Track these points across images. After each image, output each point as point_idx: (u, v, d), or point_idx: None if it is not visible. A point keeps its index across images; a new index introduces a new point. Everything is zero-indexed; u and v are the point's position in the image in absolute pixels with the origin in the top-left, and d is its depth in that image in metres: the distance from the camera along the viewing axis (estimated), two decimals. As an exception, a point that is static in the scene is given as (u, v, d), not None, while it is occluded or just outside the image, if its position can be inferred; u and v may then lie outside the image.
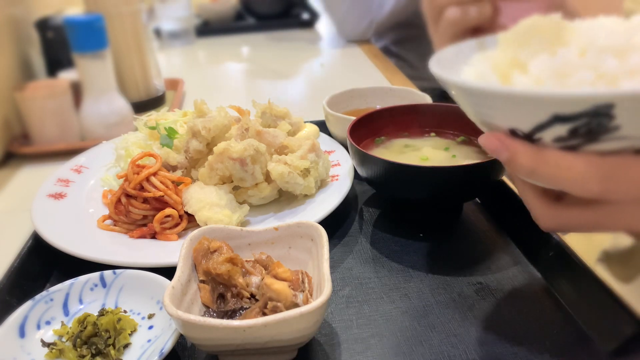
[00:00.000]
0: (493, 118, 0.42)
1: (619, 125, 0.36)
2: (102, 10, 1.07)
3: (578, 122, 0.36)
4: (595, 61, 0.39)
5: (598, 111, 0.35)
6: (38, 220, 0.67)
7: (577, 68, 0.39)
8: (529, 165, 0.40)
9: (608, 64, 0.38)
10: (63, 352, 0.49)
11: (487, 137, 0.42)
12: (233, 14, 2.17)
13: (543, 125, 0.38)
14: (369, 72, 1.48)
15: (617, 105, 0.34)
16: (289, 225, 0.56)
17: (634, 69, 0.38)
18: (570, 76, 0.39)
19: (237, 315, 0.50)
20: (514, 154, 0.40)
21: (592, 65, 0.39)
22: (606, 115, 0.35)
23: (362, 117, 0.78)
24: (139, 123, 0.84)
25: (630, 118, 0.36)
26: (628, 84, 0.37)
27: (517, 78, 0.42)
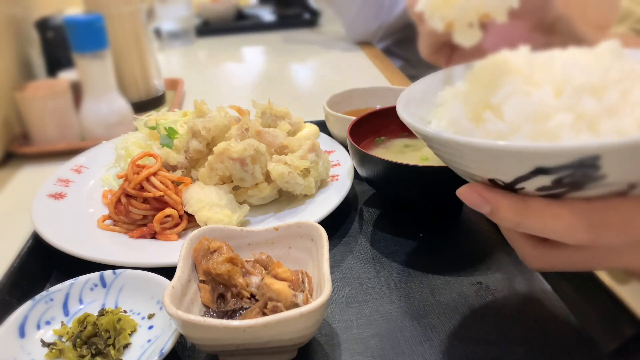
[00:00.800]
0: (471, 169, 0.41)
1: (605, 174, 0.35)
2: (102, 10, 1.07)
3: (562, 173, 0.35)
4: (573, 102, 0.37)
5: (583, 163, 0.34)
6: (38, 220, 0.67)
7: (554, 110, 0.38)
8: (513, 218, 0.38)
9: (586, 104, 0.37)
10: (63, 352, 0.49)
11: (466, 191, 0.40)
12: (233, 14, 2.17)
13: (525, 176, 0.37)
14: (369, 72, 1.48)
15: (603, 157, 0.33)
16: (289, 225, 0.56)
17: (612, 107, 0.37)
18: (548, 119, 0.38)
19: (237, 315, 0.50)
20: (497, 207, 0.39)
21: (570, 106, 0.37)
22: (592, 166, 0.34)
23: (362, 117, 0.78)
24: (139, 123, 0.84)
25: (617, 167, 0.34)
26: (609, 125, 0.36)
27: (492, 124, 0.40)
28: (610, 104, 0.37)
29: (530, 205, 0.38)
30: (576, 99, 0.38)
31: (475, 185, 0.40)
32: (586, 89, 0.38)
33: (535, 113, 0.38)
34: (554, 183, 0.36)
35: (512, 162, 0.36)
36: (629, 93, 0.38)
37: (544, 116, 0.38)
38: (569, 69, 0.39)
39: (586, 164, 0.34)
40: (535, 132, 0.38)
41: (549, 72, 0.41)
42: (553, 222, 0.37)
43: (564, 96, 0.38)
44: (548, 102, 0.38)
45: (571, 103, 0.38)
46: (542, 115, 0.38)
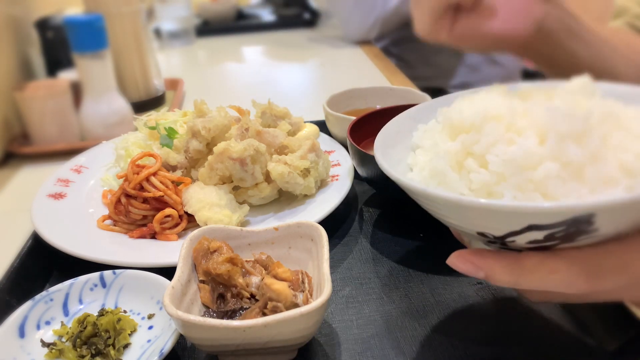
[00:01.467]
0: (459, 224, 0.41)
1: (598, 228, 0.35)
2: (102, 10, 1.07)
3: (556, 229, 0.35)
4: (558, 150, 0.37)
5: (578, 220, 0.34)
6: (38, 220, 0.67)
7: (540, 159, 0.38)
8: (510, 280, 0.38)
9: (571, 152, 0.37)
10: (63, 352, 0.49)
11: (457, 261, 0.40)
12: (233, 14, 2.17)
13: (517, 232, 0.36)
14: (369, 72, 1.48)
15: (598, 214, 0.33)
16: (289, 225, 0.56)
17: (595, 154, 0.37)
18: (534, 169, 0.38)
19: (237, 315, 0.50)
20: (491, 273, 0.38)
21: (555, 155, 0.37)
22: (586, 222, 0.34)
23: (362, 117, 0.78)
24: (139, 123, 0.84)
25: (610, 221, 0.35)
26: (593, 172, 0.37)
27: (477, 175, 0.40)
28: (593, 150, 0.37)
29: (524, 264, 0.37)
30: (561, 147, 0.37)
31: (465, 253, 0.39)
32: (570, 136, 0.38)
33: (521, 162, 0.38)
34: (546, 237, 0.36)
35: (504, 220, 0.36)
36: (609, 137, 0.38)
37: (529, 165, 0.38)
38: (552, 116, 0.39)
39: (580, 221, 0.34)
40: (522, 182, 0.38)
41: (532, 118, 0.40)
42: (550, 278, 0.37)
43: (548, 144, 0.38)
44: (533, 151, 0.38)
45: (556, 151, 0.37)
46: (528, 165, 0.38)
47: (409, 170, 0.48)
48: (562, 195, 0.37)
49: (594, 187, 0.37)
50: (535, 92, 0.46)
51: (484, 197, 0.40)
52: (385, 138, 0.49)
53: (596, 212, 0.33)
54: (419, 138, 0.49)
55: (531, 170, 0.38)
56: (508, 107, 0.41)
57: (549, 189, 0.37)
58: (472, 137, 0.42)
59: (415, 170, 0.46)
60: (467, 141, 0.42)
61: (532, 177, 0.37)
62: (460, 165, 0.42)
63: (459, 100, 0.48)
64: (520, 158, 0.38)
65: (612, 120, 0.40)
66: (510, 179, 0.38)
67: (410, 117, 0.53)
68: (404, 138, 0.51)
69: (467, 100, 0.46)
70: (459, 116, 0.44)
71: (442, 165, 0.42)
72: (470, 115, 0.43)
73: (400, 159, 0.49)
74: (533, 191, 0.38)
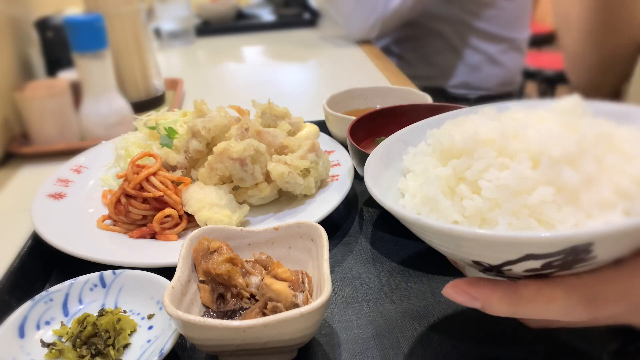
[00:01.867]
0: (454, 253, 0.40)
1: (596, 256, 0.34)
2: (102, 10, 1.07)
3: (553, 258, 0.34)
4: (552, 174, 0.37)
5: (576, 249, 0.33)
6: (38, 220, 0.67)
7: (534, 183, 0.37)
8: (508, 310, 0.38)
9: (566, 176, 0.37)
10: (63, 353, 0.49)
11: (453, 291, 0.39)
12: (233, 14, 2.17)
13: (514, 261, 0.36)
14: (369, 72, 1.48)
15: (596, 243, 0.33)
16: (289, 226, 0.56)
17: (589, 178, 0.37)
18: (529, 194, 0.37)
19: (237, 315, 0.50)
20: (487, 303, 0.38)
21: (550, 179, 0.37)
22: (584, 251, 0.34)
23: (362, 117, 0.78)
24: (139, 123, 0.84)
25: (608, 249, 0.34)
26: (589, 197, 0.36)
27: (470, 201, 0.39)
28: (587, 174, 0.37)
29: (521, 293, 0.37)
30: (555, 171, 0.37)
31: (460, 284, 0.39)
32: (563, 160, 0.37)
33: (515, 188, 0.37)
34: (543, 266, 0.36)
35: (501, 250, 0.35)
36: (603, 159, 0.38)
37: (523, 190, 0.37)
38: (545, 139, 0.38)
39: (579, 250, 0.34)
40: (517, 208, 0.37)
41: (524, 141, 0.40)
42: (549, 307, 0.36)
43: (541, 168, 0.37)
44: (527, 175, 0.37)
45: (550, 176, 0.37)
46: (522, 190, 0.37)
47: (401, 195, 0.47)
48: (558, 221, 0.36)
49: (590, 212, 0.36)
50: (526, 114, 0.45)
51: (477, 224, 0.39)
52: (376, 162, 0.49)
53: (595, 241, 0.33)
54: (410, 162, 0.49)
55: (525, 195, 0.37)
56: (499, 131, 0.41)
57: (544, 215, 0.37)
58: (464, 162, 0.41)
59: (406, 197, 0.45)
60: (459, 166, 0.41)
61: (527, 203, 0.37)
62: (452, 191, 0.41)
63: (448, 123, 0.47)
64: (514, 183, 0.37)
65: (606, 141, 0.39)
66: (504, 205, 0.38)
67: (400, 139, 0.52)
68: (394, 161, 0.50)
69: (458, 123, 0.46)
70: (449, 140, 0.43)
71: (434, 192, 0.41)
72: (461, 139, 0.42)
73: (391, 184, 0.48)
74: (528, 217, 0.37)
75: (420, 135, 0.52)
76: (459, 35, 1.63)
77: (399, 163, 0.50)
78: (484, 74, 1.66)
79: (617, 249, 0.36)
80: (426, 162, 0.46)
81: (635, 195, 0.36)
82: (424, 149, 0.49)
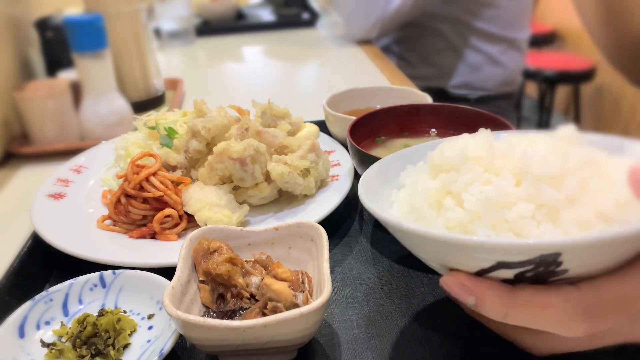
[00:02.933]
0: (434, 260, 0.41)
1: (567, 269, 0.35)
2: (102, 10, 1.07)
3: (524, 268, 0.35)
4: (533, 191, 0.38)
5: (545, 259, 0.34)
6: (38, 220, 0.67)
7: (515, 199, 0.38)
8: (500, 310, 0.37)
9: (546, 194, 0.38)
10: (63, 353, 0.49)
11: (449, 282, 0.39)
12: (233, 14, 2.17)
13: (488, 270, 0.36)
14: (369, 72, 1.48)
15: (564, 254, 0.33)
16: (289, 226, 0.56)
17: (571, 197, 0.38)
18: (509, 208, 0.38)
19: (237, 315, 0.50)
20: (481, 299, 0.37)
21: (531, 196, 0.38)
22: (553, 262, 0.34)
23: (362, 117, 0.78)
24: (139, 123, 0.84)
25: (578, 262, 0.35)
26: (569, 215, 0.37)
27: (453, 212, 0.40)
28: (569, 193, 0.38)
29: (517, 294, 0.36)
30: (536, 188, 0.38)
31: (459, 275, 0.38)
32: (545, 179, 0.38)
33: (496, 202, 0.38)
34: (516, 277, 0.36)
35: (474, 256, 0.36)
36: (587, 182, 0.39)
37: (504, 205, 0.38)
38: (529, 158, 0.40)
39: (548, 261, 0.34)
40: (496, 221, 0.38)
41: (510, 160, 0.41)
42: (544, 313, 0.36)
43: (524, 185, 0.38)
44: (509, 191, 0.38)
45: (531, 192, 0.38)
46: (503, 204, 0.38)
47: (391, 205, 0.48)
48: (535, 237, 0.37)
49: (568, 230, 0.37)
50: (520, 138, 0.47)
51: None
52: (373, 175, 0.50)
53: (562, 252, 0.33)
54: (405, 177, 0.50)
55: (506, 210, 0.38)
56: (487, 149, 0.42)
57: (523, 229, 0.38)
58: (451, 177, 0.42)
59: (394, 206, 0.46)
60: (446, 180, 0.42)
61: (507, 217, 0.38)
62: (439, 203, 0.43)
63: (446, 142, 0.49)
64: (495, 197, 0.38)
65: (593, 166, 0.40)
66: (484, 217, 0.39)
67: (399, 158, 0.53)
68: (392, 178, 0.51)
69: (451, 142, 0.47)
70: (440, 156, 0.44)
71: (420, 202, 0.43)
72: (450, 155, 0.43)
73: (385, 196, 0.50)
74: (507, 231, 0.38)
75: (421, 156, 0.53)
76: (459, 35, 1.63)
77: (396, 180, 0.52)
78: (484, 74, 1.66)
79: (590, 264, 0.36)
80: (418, 176, 0.48)
81: (615, 218, 0.37)
82: (421, 167, 0.51)
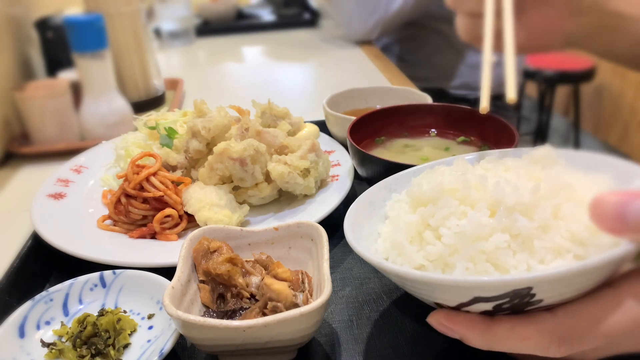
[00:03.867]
0: (417, 294, 0.43)
1: (542, 299, 0.37)
2: (102, 10, 1.07)
3: (500, 301, 0.37)
4: (507, 222, 0.39)
5: (518, 293, 0.36)
6: (38, 220, 0.67)
7: (491, 230, 0.39)
8: (483, 345, 0.39)
9: (519, 224, 0.39)
10: (63, 353, 0.49)
11: (433, 321, 0.41)
12: (233, 14, 2.17)
13: (467, 303, 0.38)
14: (369, 72, 1.48)
15: (535, 287, 0.35)
16: (289, 225, 0.56)
17: (544, 225, 0.39)
18: (486, 240, 0.39)
19: (237, 315, 0.50)
20: (464, 337, 0.39)
21: (505, 227, 0.39)
22: (527, 295, 0.36)
23: (363, 117, 0.78)
24: (139, 123, 0.84)
25: (550, 293, 0.36)
26: (542, 243, 0.39)
27: (432, 247, 0.42)
28: (542, 221, 0.39)
29: (495, 331, 0.38)
30: (510, 219, 0.39)
31: (439, 316, 0.41)
32: (518, 208, 0.40)
33: (472, 234, 0.40)
34: (495, 308, 0.38)
35: (452, 293, 0.38)
36: (560, 207, 0.40)
37: (480, 237, 0.40)
38: (501, 189, 0.41)
39: (521, 294, 0.36)
40: (474, 253, 0.40)
41: (484, 191, 0.42)
42: (522, 344, 0.37)
43: (498, 216, 0.40)
44: (484, 222, 0.40)
45: (505, 223, 0.39)
46: (479, 236, 0.40)
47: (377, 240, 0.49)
48: (512, 266, 0.39)
49: (544, 258, 0.38)
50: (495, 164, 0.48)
51: (441, 268, 0.42)
52: (359, 208, 0.51)
53: (533, 285, 0.35)
54: (390, 208, 0.51)
55: (483, 241, 0.39)
56: (462, 181, 0.43)
57: (499, 260, 0.39)
58: (429, 210, 0.44)
59: (379, 241, 0.48)
60: (425, 214, 0.44)
61: (484, 248, 0.39)
62: (420, 236, 0.44)
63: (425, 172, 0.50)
64: (471, 230, 0.40)
65: (566, 190, 0.41)
66: (462, 250, 0.40)
67: (386, 187, 0.54)
68: (378, 208, 0.52)
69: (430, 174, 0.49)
70: (419, 189, 0.46)
71: (401, 238, 0.44)
72: (428, 189, 0.45)
73: (372, 229, 0.50)
74: (485, 261, 0.39)
75: (406, 183, 0.54)
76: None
77: (382, 209, 0.53)
78: (484, 74, 1.66)
79: (562, 293, 0.37)
80: (400, 208, 0.49)
81: (588, 242, 0.38)
82: (405, 196, 0.52)
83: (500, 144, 0.71)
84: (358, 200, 0.52)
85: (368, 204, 0.52)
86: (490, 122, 0.75)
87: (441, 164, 0.52)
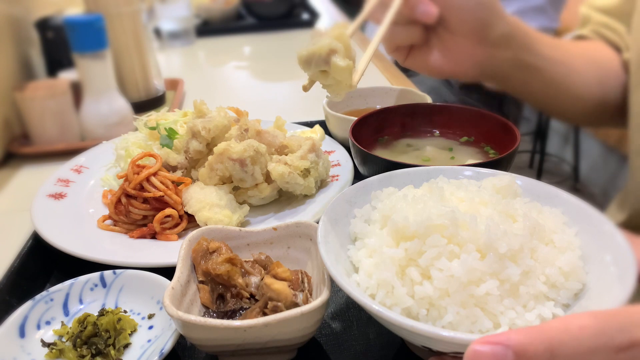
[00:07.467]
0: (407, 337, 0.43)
1: None
2: (102, 10, 1.07)
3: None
4: (497, 267, 0.40)
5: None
6: (38, 220, 0.67)
7: (481, 275, 0.40)
8: None
9: (509, 271, 0.40)
10: (63, 352, 0.49)
11: None
12: (233, 14, 2.17)
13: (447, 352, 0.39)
14: (369, 72, 1.48)
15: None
16: (288, 225, 0.56)
17: (527, 271, 0.41)
18: (477, 285, 0.40)
19: (237, 315, 0.50)
20: None
21: (495, 272, 0.40)
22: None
23: (365, 117, 0.78)
24: (139, 123, 0.84)
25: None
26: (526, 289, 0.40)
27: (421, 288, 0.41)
28: (525, 267, 0.41)
29: None
30: (500, 265, 0.40)
31: None
32: (507, 255, 0.41)
33: (464, 279, 0.40)
34: None
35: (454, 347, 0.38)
36: (536, 251, 0.42)
37: (472, 282, 0.40)
38: (492, 234, 0.41)
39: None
40: (465, 298, 0.40)
41: (472, 232, 0.42)
42: None
43: (488, 261, 0.40)
44: (475, 267, 0.40)
45: (496, 269, 0.40)
46: (470, 281, 0.40)
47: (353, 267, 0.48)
48: (500, 312, 0.40)
49: (527, 304, 0.40)
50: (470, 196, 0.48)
51: (425, 308, 0.41)
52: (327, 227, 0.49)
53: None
54: (359, 228, 0.50)
55: (473, 286, 0.40)
56: (450, 217, 0.43)
57: (488, 305, 0.40)
58: (416, 246, 0.43)
59: (361, 275, 0.46)
60: (411, 249, 0.43)
61: (474, 293, 0.40)
62: (402, 270, 0.44)
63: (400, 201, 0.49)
64: (463, 276, 0.40)
65: (539, 233, 0.43)
66: (454, 295, 0.40)
67: (346, 200, 0.53)
68: (340, 224, 0.51)
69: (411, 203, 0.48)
70: (403, 222, 0.45)
71: (390, 277, 0.43)
72: (414, 222, 0.44)
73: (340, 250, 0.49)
74: (474, 306, 0.40)
75: (365, 197, 0.54)
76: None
77: (346, 226, 0.51)
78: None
79: None
80: (378, 235, 0.47)
81: (561, 286, 0.41)
82: (370, 213, 0.51)
83: (503, 144, 0.71)
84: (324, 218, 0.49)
85: (333, 222, 0.50)
86: (493, 122, 0.75)
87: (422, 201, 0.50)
